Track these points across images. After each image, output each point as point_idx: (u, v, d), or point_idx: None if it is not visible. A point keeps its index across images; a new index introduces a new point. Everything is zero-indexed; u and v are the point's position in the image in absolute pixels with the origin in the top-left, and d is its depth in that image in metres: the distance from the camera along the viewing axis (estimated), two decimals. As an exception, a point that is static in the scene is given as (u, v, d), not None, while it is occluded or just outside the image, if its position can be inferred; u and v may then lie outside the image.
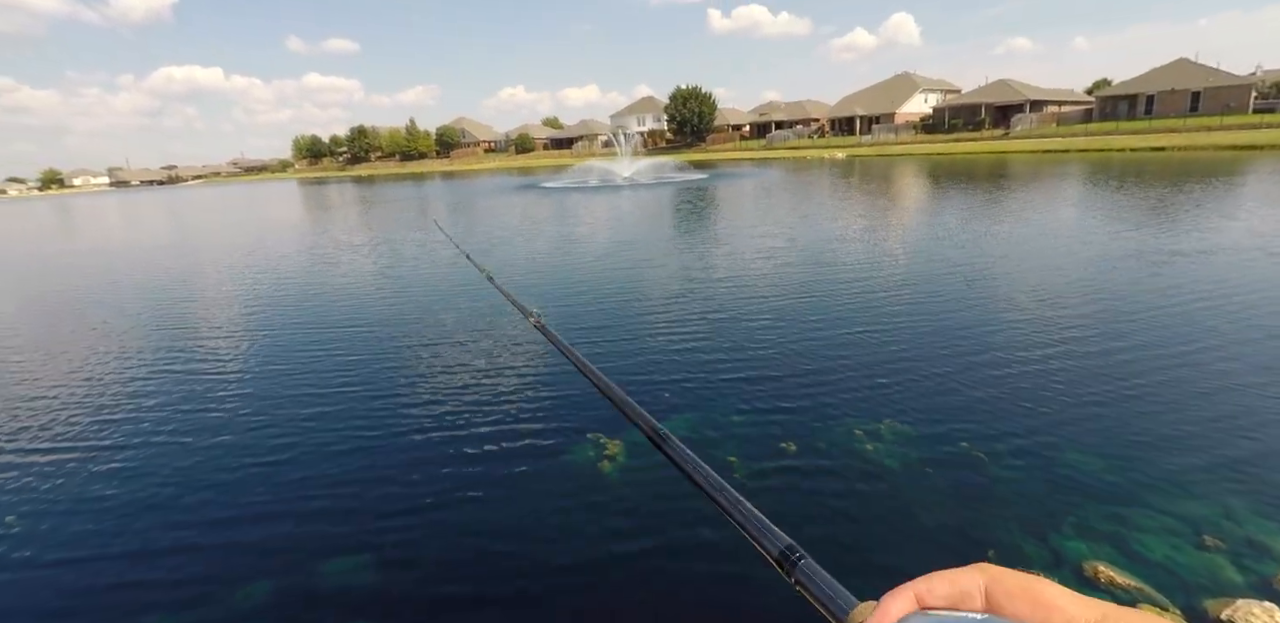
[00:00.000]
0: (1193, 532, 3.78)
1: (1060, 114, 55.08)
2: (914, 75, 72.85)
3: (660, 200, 27.57)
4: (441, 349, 8.00)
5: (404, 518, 4.37)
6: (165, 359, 8.28)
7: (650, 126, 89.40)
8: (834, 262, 12.01)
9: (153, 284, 14.28)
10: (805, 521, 4.13)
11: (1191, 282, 9.08)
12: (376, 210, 32.38)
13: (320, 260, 16.12)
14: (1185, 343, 6.75)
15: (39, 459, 5.56)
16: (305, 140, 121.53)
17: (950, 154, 48.64)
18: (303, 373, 7.38)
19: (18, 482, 5.15)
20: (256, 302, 11.50)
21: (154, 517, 4.57)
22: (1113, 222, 14.72)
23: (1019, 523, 3.95)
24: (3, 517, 4.61)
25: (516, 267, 13.47)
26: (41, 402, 6.99)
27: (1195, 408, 5.29)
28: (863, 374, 6.37)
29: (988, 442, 4.90)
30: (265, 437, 5.72)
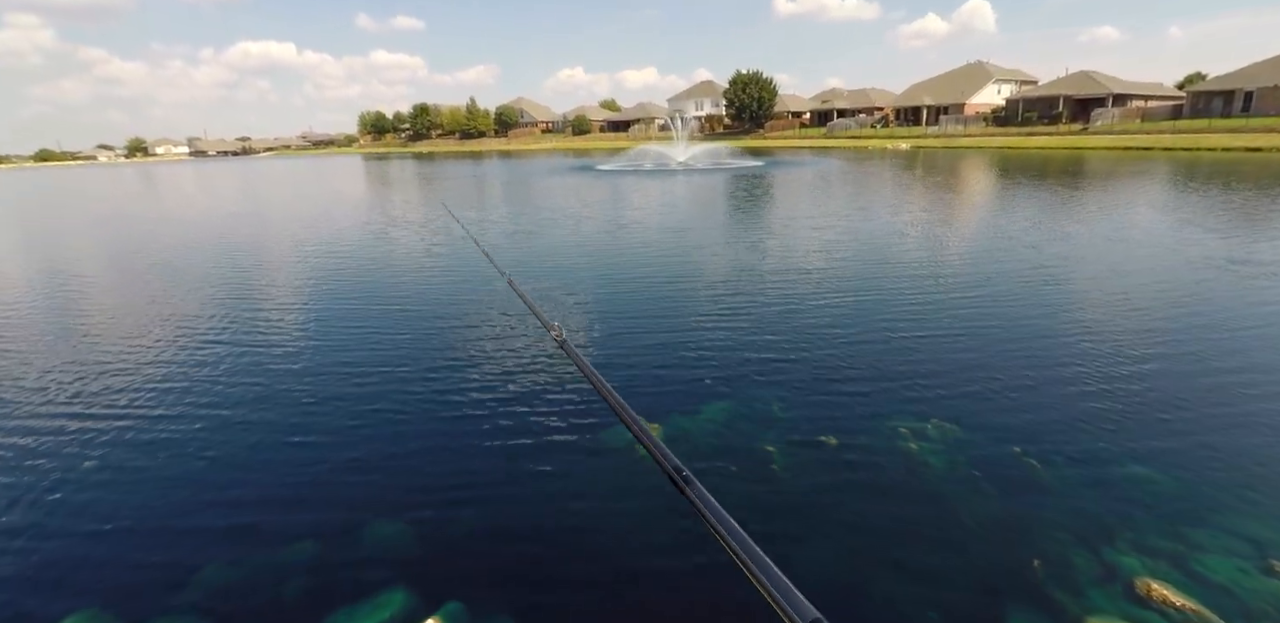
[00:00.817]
0: (1260, 555, 3.57)
1: (1146, 109, 51.57)
2: (987, 64, 69.35)
3: (715, 187, 27.26)
4: (483, 334, 8.18)
5: (425, 509, 4.53)
6: (214, 329, 8.74)
7: (708, 111, 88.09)
8: (890, 256, 11.67)
9: (217, 254, 15.03)
10: (843, 519, 4.09)
11: (1270, 291, 8.47)
12: (433, 188, 33.10)
13: (376, 237, 16.63)
14: (1263, 359, 6.32)
15: (86, 424, 5.97)
16: (370, 116, 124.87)
17: (1022, 148, 46.30)
18: (345, 349, 7.68)
19: (60, 446, 5.55)
20: (311, 277, 11.97)
21: (187, 485, 4.87)
22: (1198, 226, 13.79)
23: (1070, 533, 3.82)
24: (44, 481, 4.94)
25: (562, 251, 13.60)
26: (93, 364, 7.49)
27: (1264, 424, 4.96)
28: (912, 372, 6.21)
29: (1041, 449, 4.73)
30: (293, 413, 6.00)
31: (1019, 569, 3.55)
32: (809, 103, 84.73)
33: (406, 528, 4.05)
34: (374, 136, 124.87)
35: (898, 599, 3.38)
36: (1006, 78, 68.35)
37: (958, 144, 51.98)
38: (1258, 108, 45.26)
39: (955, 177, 28.99)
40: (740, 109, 76.92)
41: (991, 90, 65.86)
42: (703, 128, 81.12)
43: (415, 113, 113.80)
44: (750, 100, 75.61)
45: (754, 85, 75.60)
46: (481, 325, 8.22)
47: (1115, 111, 51.41)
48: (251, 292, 10.52)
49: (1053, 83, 59.63)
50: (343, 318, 8.76)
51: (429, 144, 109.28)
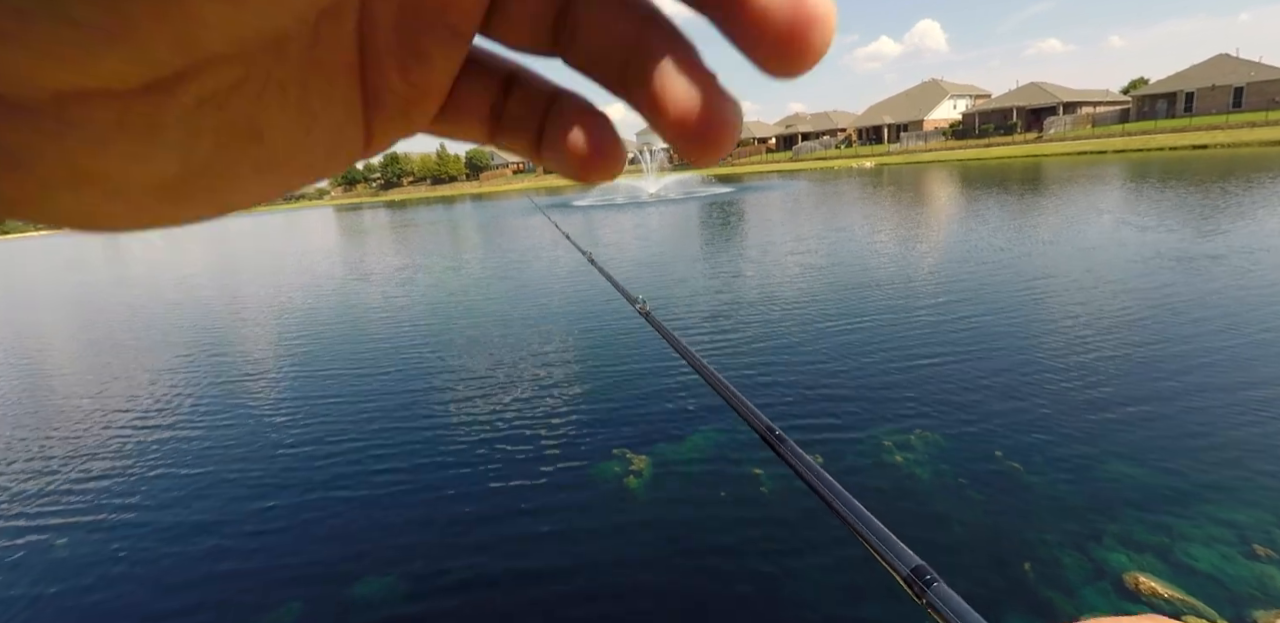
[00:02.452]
0: (1242, 541, 3.64)
1: (1095, 115, 53.73)
2: (942, 82, 72.08)
3: (687, 215, 27.73)
4: (476, 366, 8.19)
5: (437, 537, 4.49)
6: (214, 376, 8.67)
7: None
8: (862, 272, 11.91)
9: (203, 313, 14.93)
10: (831, 536, 4.11)
11: (1239, 286, 8.76)
12: (402, 235, 33.30)
13: (354, 282, 16.67)
14: (1233, 348, 6.52)
15: (73, 477, 5.86)
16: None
17: (982, 159, 47.81)
18: (336, 385, 7.65)
19: (46, 505, 5.44)
20: (293, 327, 11.94)
21: (181, 535, 4.79)
22: (1154, 225, 14.28)
23: (1058, 534, 3.87)
24: (27, 536, 4.87)
25: (534, 287, 13.72)
26: (93, 418, 7.37)
27: (1243, 414, 5.10)
28: (893, 383, 6.31)
29: (1023, 452, 4.81)
30: (299, 449, 5.94)
31: (1010, 574, 3.58)
32: (773, 128, 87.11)
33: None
34: (345, 188, 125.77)
35: (894, 613, 3.38)
36: (961, 93, 71.01)
37: (920, 159, 53.55)
38: (1199, 108, 47.38)
39: (920, 191, 29.80)
40: (707, 138, 78.80)
41: (948, 106, 68.29)
42: (671, 159, 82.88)
43: (385, 162, 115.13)
44: (716, 129, 77.57)
45: (718, 115, 77.69)
46: (490, 346, 8.21)
47: (1067, 119, 53.49)
48: (243, 346, 10.45)
49: (1005, 95, 62.05)
50: (318, 366, 8.72)
51: (400, 192, 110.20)
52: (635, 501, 4.66)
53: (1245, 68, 46.86)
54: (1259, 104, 44.10)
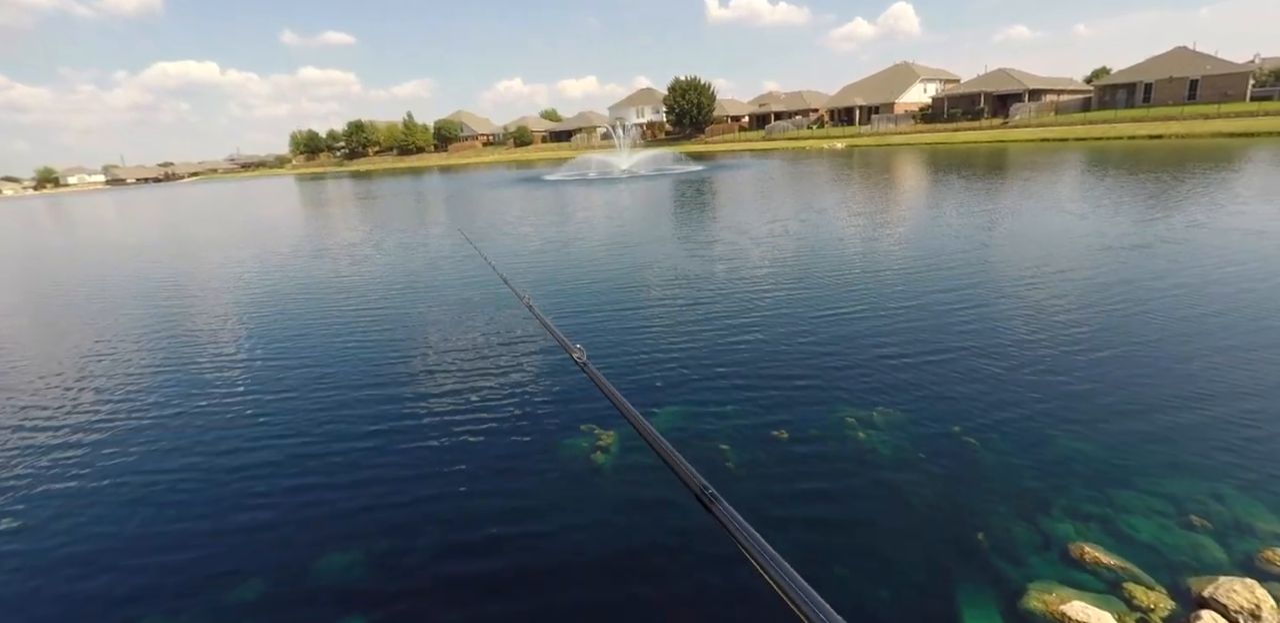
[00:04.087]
0: (1179, 512, 3.84)
1: (1059, 103, 54.75)
2: (913, 65, 72.35)
3: (659, 193, 27.52)
4: (438, 345, 8.05)
5: (399, 514, 4.44)
6: (169, 359, 8.34)
7: (649, 118, 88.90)
8: (829, 254, 12.02)
9: (150, 287, 14.31)
10: (797, 511, 4.19)
11: (1176, 268, 9.11)
12: (372, 208, 32.31)
13: (321, 260, 16.14)
14: (1172, 328, 6.80)
15: (37, 461, 5.62)
16: (302, 135, 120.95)
17: (950, 143, 48.43)
18: (295, 368, 7.44)
19: (12, 481, 5.22)
20: (253, 301, 11.54)
21: (144, 516, 4.64)
22: (1108, 210, 14.71)
23: (1010, 507, 4.01)
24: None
25: (507, 260, 13.50)
26: (46, 402, 7.05)
27: (1184, 392, 5.33)
28: (856, 363, 6.42)
29: (979, 428, 4.96)
30: (261, 435, 5.79)
31: (965, 545, 3.71)
32: (747, 106, 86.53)
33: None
34: (307, 156, 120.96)
35: (853, 585, 3.48)
36: (931, 77, 71.43)
37: (890, 142, 53.98)
38: (1157, 98, 48.65)
39: (889, 173, 30.09)
40: (681, 115, 77.94)
41: (918, 89, 68.69)
42: (644, 135, 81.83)
43: (350, 130, 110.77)
44: (690, 106, 76.72)
45: (693, 91, 76.76)
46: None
47: (1032, 106, 54.37)
48: (198, 324, 10.05)
49: (974, 81, 62.69)
50: (278, 343, 8.46)
51: (366, 162, 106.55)
52: (600, 476, 4.68)
53: (1201, 61, 48.17)
54: (1212, 97, 45.48)
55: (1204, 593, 3.17)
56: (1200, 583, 3.25)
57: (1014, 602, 3.24)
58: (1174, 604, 3.17)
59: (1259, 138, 33.43)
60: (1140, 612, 3.13)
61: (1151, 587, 3.29)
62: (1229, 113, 41.11)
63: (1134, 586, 3.29)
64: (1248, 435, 4.60)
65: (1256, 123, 36.83)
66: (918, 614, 3.26)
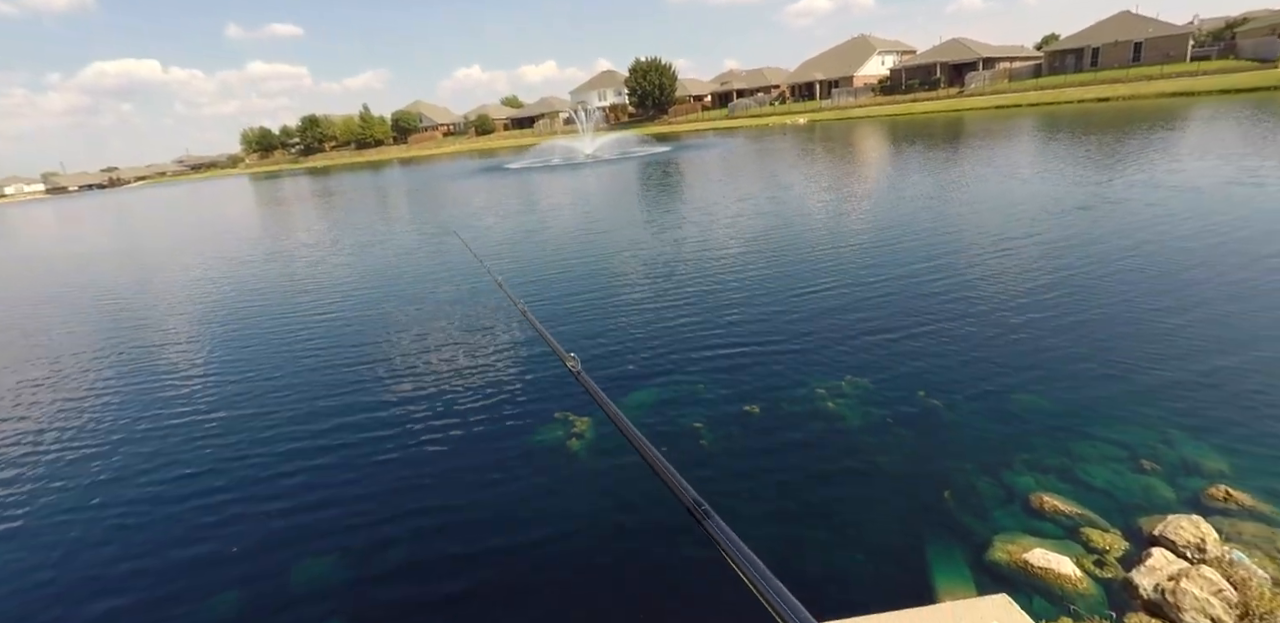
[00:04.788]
0: (1131, 457, 4.03)
1: (1012, 70, 55.52)
2: (870, 38, 72.54)
3: (625, 176, 27.35)
4: (419, 350, 7.97)
5: (373, 514, 4.43)
6: (132, 372, 8.12)
7: (612, 101, 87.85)
8: (795, 229, 12.13)
9: (102, 299, 13.83)
10: (772, 481, 4.29)
11: (1120, 230, 9.42)
12: (331, 205, 31.54)
13: (273, 263, 15.76)
14: (1117, 287, 7.05)
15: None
16: (254, 133, 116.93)
17: (909, 114, 48.90)
18: (266, 375, 7.31)
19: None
20: (215, 306, 11.25)
21: (107, 535, 4.56)
22: (1058, 173, 15.06)
23: (974, 463, 4.17)
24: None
25: (477, 244, 13.35)
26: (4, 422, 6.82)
27: (1131, 346, 5.56)
28: (826, 336, 6.54)
29: (943, 390, 5.11)
30: (233, 437, 5.70)
31: (932, 502, 3.84)
32: (709, 85, 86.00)
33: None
34: (261, 155, 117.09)
35: (828, 549, 3.60)
36: (889, 49, 71.75)
37: (851, 115, 54.27)
38: (1103, 62, 49.63)
39: (852, 146, 30.31)
40: (643, 96, 77.18)
41: (876, 62, 68.97)
42: (608, 118, 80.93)
43: (304, 125, 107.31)
44: (652, 87, 75.98)
45: (654, 72, 75.96)
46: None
47: (986, 74, 55.06)
48: (166, 335, 9.77)
49: (929, 51, 63.16)
50: (250, 347, 8.29)
51: (323, 157, 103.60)
52: (577, 461, 4.72)
53: (1144, 24, 49.19)
54: (1155, 58, 46.56)
55: (1154, 532, 3.35)
56: (1150, 522, 3.44)
57: (980, 555, 3.38)
58: (1127, 544, 3.34)
59: (1199, 96, 34.44)
60: (1096, 554, 3.30)
61: (1106, 530, 3.46)
62: (1171, 73, 42.24)
63: (1090, 530, 3.46)
64: (1192, 382, 4.83)
65: (1196, 82, 37.92)
66: (891, 574, 3.38)
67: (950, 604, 2.81)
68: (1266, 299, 6.28)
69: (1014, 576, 3.20)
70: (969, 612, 2.70)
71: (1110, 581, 3.13)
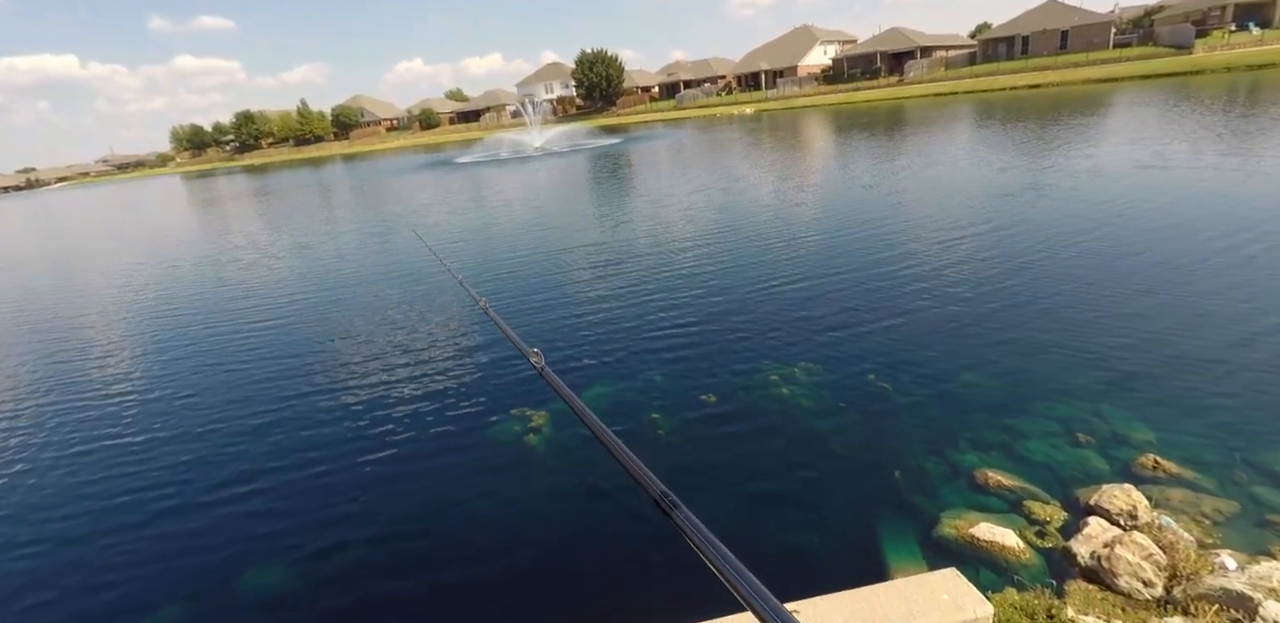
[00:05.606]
0: (1067, 432, 4.21)
1: (948, 59, 57.27)
2: (813, 28, 73.59)
3: (575, 169, 27.09)
4: (365, 345, 7.71)
5: (325, 520, 4.28)
6: (68, 381, 7.61)
7: (559, 94, 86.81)
8: (743, 220, 12.24)
9: (32, 307, 12.93)
10: (729, 468, 4.32)
11: (1055, 214, 9.84)
12: (269, 203, 30.25)
13: (214, 264, 15.03)
14: (1048, 268, 7.36)
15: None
16: (185, 130, 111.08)
17: (852, 103, 49.92)
18: (209, 379, 6.97)
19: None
20: (137, 304, 10.65)
21: (56, 542, 4.28)
22: (1001, 158, 15.63)
23: (921, 443, 4.28)
24: None
25: (430, 247, 13.02)
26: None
27: (1065, 324, 5.81)
28: (779, 324, 6.61)
29: (891, 373, 5.23)
30: (171, 449, 5.40)
31: (883, 483, 3.93)
32: (656, 77, 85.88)
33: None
34: (193, 153, 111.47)
35: (784, 531, 3.64)
36: (831, 39, 72.96)
37: (796, 104, 55.05)
38: (1033, 50, 51.68)
39: (798, 136, 30.76)
40: (590, 88, 76.52)
41: (819, 51, 70.08)
42: (555, 111, 79.97)
43: (239, 122, 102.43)
44: (599, 79, 75.36)
45: (601, 64, 75.32)
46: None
47: (924, 63, 56.63)
48: (105, 340, 9.16)
49: (870, 41, 64.51)
50: (186, 348, 7.87)
51: (260, 155, 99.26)
52: (536, 456, 4.65)
53: (1070, 13, 51.44)
54: (1081, 46, 48.78)
55: (1090, 502, 3.50)
56: (1086, 493, 3.59)
57: (929, 531, 3.47)
58: (1066, 515, 3.49)
59: (1122, 82, 36.24)
60: (1038, 525, 3.43)
61: (1047, 502, 3.61)
62: (1096, 60, 44.31)
63: (1032, 502, 3.60)
64: (1120, 358, 5.07)
65: (1119, 68, 39.91)
66: (844, 554, 3.45)
67: (902, 581, 2.87)
68: (1192, 278, 6.64)
69: (961, 550, 3.30)
70: (920, 587, 2.76)
71: (1051, 550, 3.27)
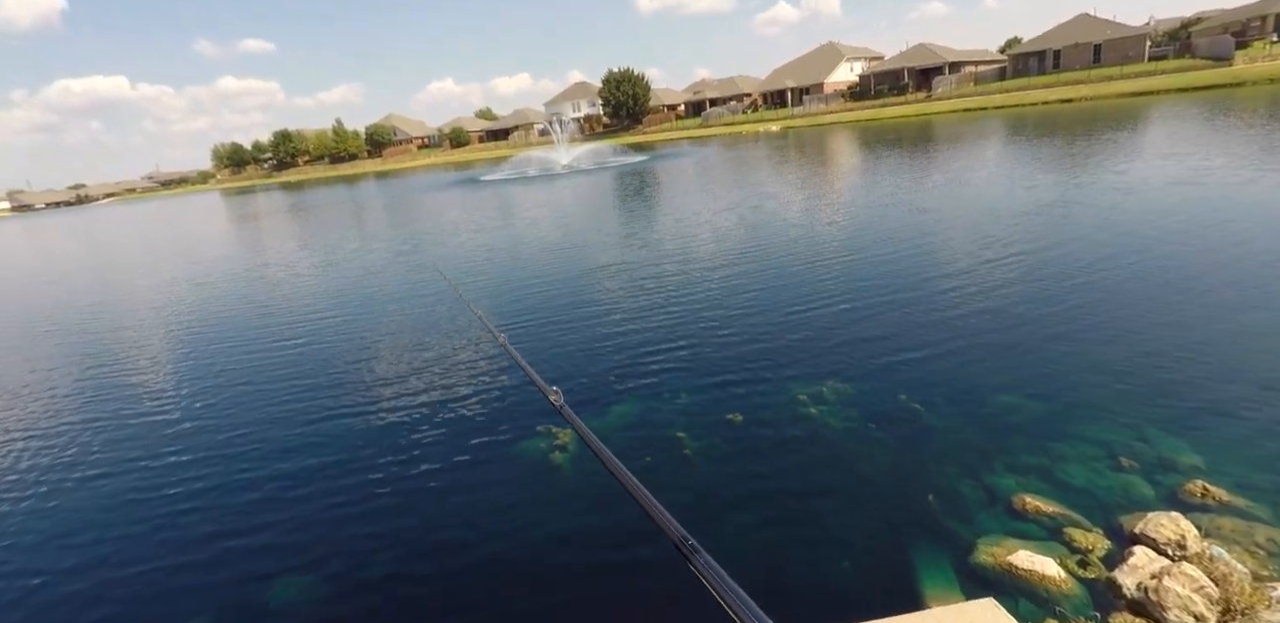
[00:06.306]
0: (1109, 455, 4.06)
1: (977, 74, 56.83)
2: (839, 45, 73.81)
3: (602, 187, 27.38)
4: (385, 372, 7.84)
5: (348, 531, 4.32)
6: (104, 392, 7.87)
7: (586, 112, 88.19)
8: (771, 238, 12.21)
9: (74, 317, 13.45)
10: (755, 490, 4.26)
11: (1091, 231, 9.62)
12: (303, 220, 31.12)
13: (249, 273, 15.47)
14: (1088, 287, 7.18)
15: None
16: (225, 148, 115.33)
17: (879, 119, 49.71)
18: (235, 398, 7.13)
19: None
20: (185, 322, 10.98)
21: (83, 554, 4.39)
22: (1031, 174, 15.38)
23: (956, 466, 4.17)
24: None
25: (452, 263, 13.23)
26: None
27: (1106, 343, 5.64)
28: (806, 343, 6.55)
29: (923, 393, 5.13)
30: (199, 465, 5.53)
31: (916, 507, 3.84)
32: (682, 95, 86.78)
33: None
34: (233, 170, 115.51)
35: (814, 556, 3.56)
36: (857, 56, 73.05)
37: (822, 121, 55.04)
38: (1065, 64, 51.01)
39: (825, 153, 30.71)
40: (617, 107, 77.60)
41: (845, 68, 70.17)
42: (582, 129, 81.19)
43: (277, 140, 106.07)
44: (625, 98, 76.43)
45: (627, 83, 76.45)
46: (404, 339, 7.85)
47: (952, 78, 56.27)
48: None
49: (897, 57, 64.40)
50: (218, 364, 8.08)
51: (296, 172, 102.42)
52: (561, 474, 4.65)
53: (1102, 26, 50.76)
54: (1115, 59, 48.02)
55: (1135, 530, 3.37)
56: (1131, 521, 3.46)
57: (965, 558, 3.37)
58: (1109, 543, 3.36)
59: (1159, 95, 35.51)
60: (1080, 554, 3.30)
61: (1089, 529, 3.47)
62: (1130, 74, 43.54)
63: (1073, 530, 3.47)
64: (1165, 380, 4.90)
65: (1156, 81, 39.14)
66: (877, 581, 3.36)
67: (939, 610, 2.79)
68: (1238, 298, 6.42)
69: (999, 579, 3.19)
70: (956, 617, 2.68)
71: (1094, 581, 3.14)
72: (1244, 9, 48.63)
